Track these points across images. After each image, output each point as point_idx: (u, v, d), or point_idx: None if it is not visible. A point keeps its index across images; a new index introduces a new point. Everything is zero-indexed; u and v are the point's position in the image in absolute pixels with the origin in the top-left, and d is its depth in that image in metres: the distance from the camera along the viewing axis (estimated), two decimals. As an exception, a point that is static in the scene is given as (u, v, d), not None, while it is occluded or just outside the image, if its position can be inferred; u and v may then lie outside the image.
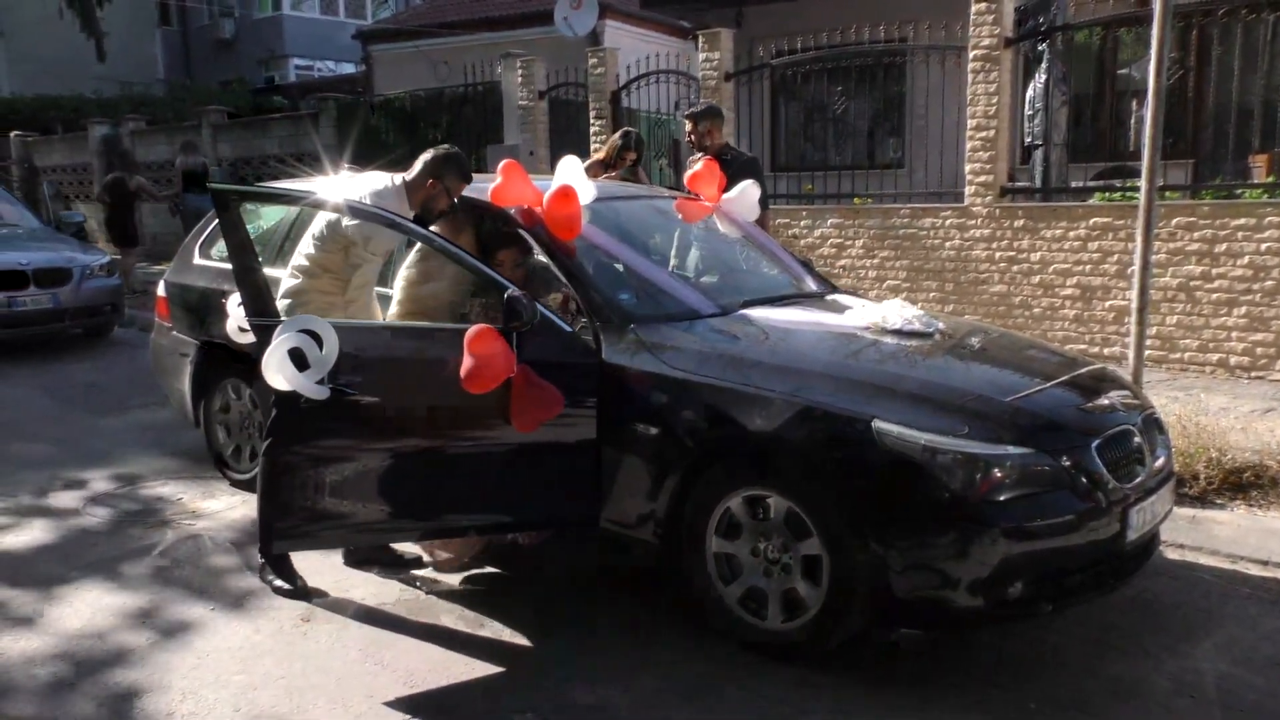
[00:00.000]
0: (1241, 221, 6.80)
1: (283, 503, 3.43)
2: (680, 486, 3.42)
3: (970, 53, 7.92)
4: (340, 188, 3.94)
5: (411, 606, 3.80)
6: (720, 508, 3.38)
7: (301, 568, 3.88)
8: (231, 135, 15.93)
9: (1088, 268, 7.46)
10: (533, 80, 11.54)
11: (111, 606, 3.84)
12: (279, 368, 3.22)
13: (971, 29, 7.89)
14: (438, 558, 4.05)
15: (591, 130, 10.75)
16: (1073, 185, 8.16)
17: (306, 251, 3.91)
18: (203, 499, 5.06)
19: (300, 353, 3.22)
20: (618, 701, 3.12)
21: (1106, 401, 3.56)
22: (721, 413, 3.39)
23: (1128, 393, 3.80)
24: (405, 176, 3.87)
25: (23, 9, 24.31)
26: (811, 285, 4.71)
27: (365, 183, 3.88)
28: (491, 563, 4.11)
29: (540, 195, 3.86)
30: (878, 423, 3.09)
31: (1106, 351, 7.27)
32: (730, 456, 3.44)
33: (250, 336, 3.74)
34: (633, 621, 3.66)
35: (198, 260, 5.48)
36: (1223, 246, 6.86)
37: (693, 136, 6.23)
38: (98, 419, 6.74)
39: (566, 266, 3.85)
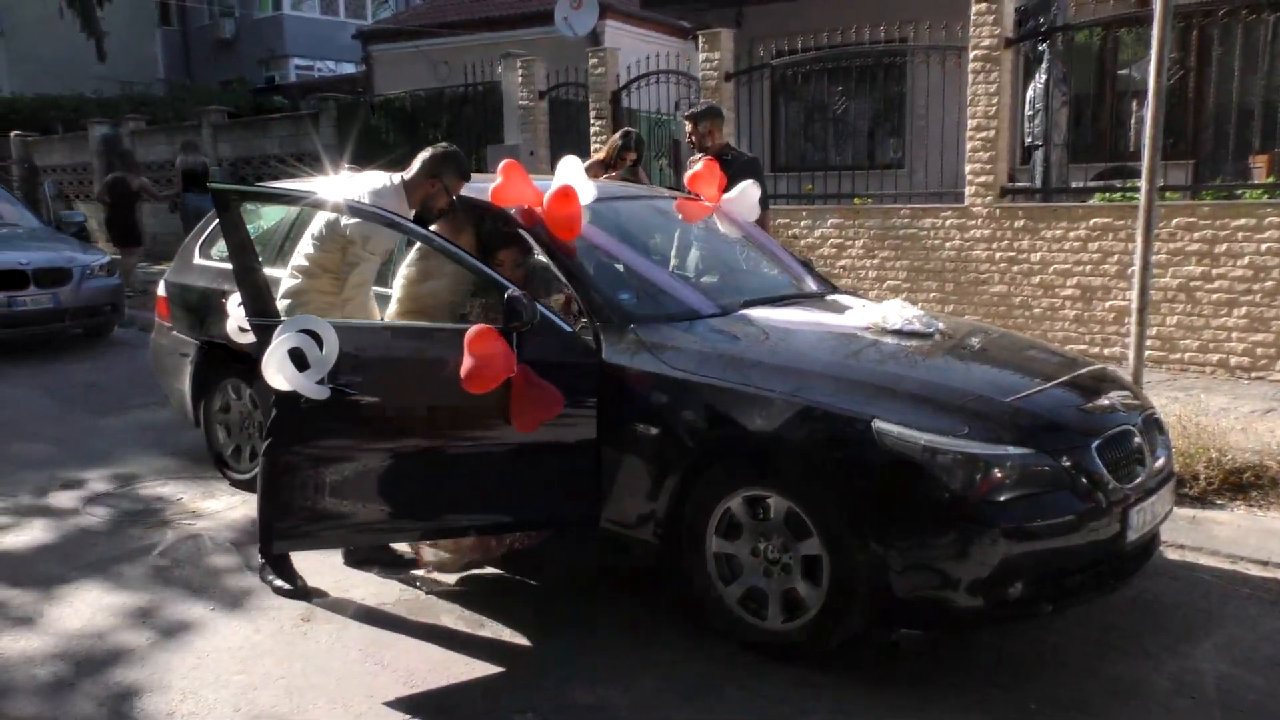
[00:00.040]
0: (1242, 222, 6.80)
1: (283, 503, 3.44)
2: (680, 486, 3.42)
3: (970, 53, 7.92)
4: (340, 187, 3.94)
5: (411, 606, 3.80)
6: (720, 508, 3.38)
7: (301, 568, 3.88)
8: (232, 135, 15.94)
9: (1088, 268, 7.46)
10: (533, 80, 11.54)
11: (111, 606, 3.84)
12: (279, 368, 3.22)
13: (972, 29, 7.89)
14: (424, 558, 4.05)
15: (592, 130, 10.74)
16: (1073, 185, 8.16)
17: (306, 251, 3.91)
18: (203, 499, 5.06)
19: (300, 353, 3.22)
20: (618, 701, 3.12)
21: (1107, 402, 3.57)
22: (721, 413, 3.39)
23: (1128, 393, 3.80)
24: (404, 175, 3.87)
25: (23, 9, 24.33)
26: (811, 285, 4.70)
27: (364, 182, 3.87)
28: (491, 563, 4.10)
29: (540, 195, 3.86)
30: (878, 423, 3.09)
31: (1107, 352, 7.27)
32: (730, 456, 3.44)
33: (250, 336, 3.74)
34: (633, 621, 3.66)
35: (198, 260, 5.48)
36: (1223, 247, 6.87)
37: (693, 137, 6.23)
38: (98, 419, 6.74)
39: (567, 266, 3.84)
